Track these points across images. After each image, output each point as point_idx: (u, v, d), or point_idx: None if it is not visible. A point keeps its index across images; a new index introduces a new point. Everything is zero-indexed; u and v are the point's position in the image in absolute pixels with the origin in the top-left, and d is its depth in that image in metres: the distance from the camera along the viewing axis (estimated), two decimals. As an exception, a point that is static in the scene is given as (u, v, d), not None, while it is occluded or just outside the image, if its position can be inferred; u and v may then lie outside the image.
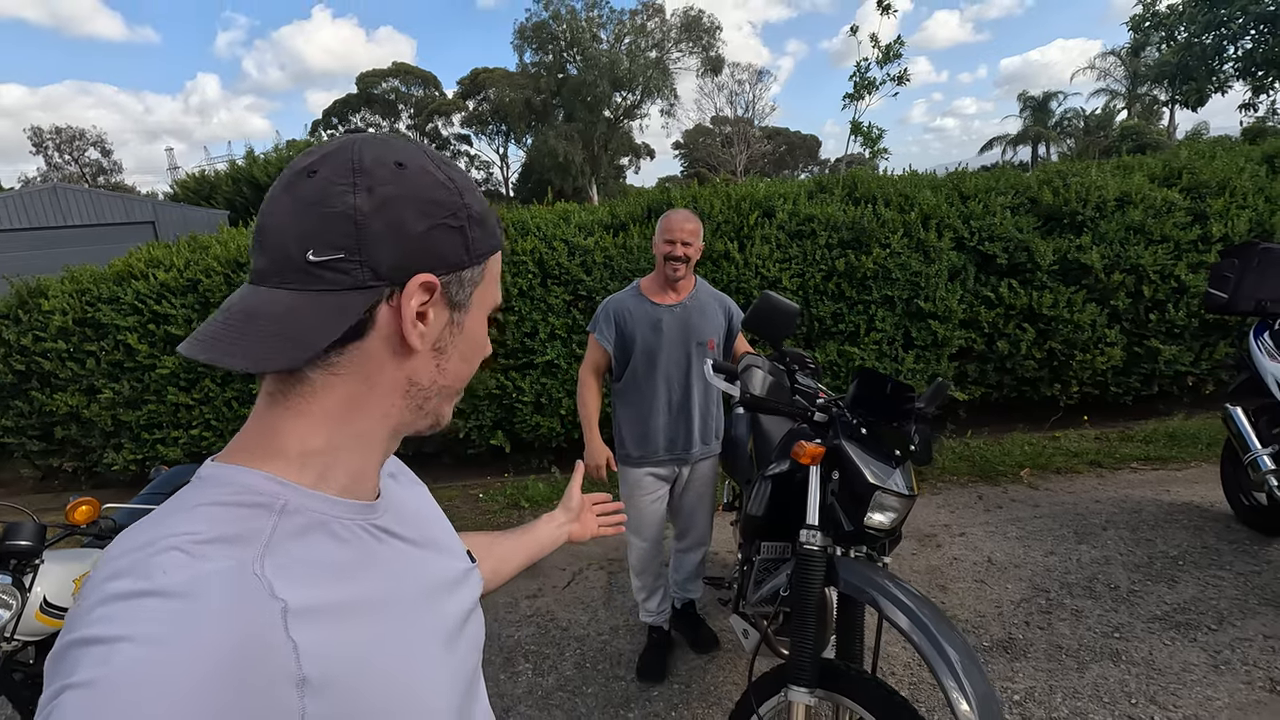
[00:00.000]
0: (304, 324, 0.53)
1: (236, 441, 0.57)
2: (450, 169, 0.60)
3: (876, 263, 4.56)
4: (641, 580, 2.74)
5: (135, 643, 0.42)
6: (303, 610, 0.48)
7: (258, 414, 0.58)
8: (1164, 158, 5.45)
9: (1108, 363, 4.73)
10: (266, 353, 0.52)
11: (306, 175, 0.54)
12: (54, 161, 44.24)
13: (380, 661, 0.53)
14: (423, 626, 0.60)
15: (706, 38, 36.84)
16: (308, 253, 0.52)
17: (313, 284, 0.53)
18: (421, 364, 0.60)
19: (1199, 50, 21.32)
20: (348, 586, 0.54)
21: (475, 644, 0.72)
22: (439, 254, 0.57)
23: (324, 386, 0.56)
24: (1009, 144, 39.01)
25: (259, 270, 0.55)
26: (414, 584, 0.62)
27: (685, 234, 2.38)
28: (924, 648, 1.53)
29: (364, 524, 0.59)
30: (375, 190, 0.54)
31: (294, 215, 0.54)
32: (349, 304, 0.54)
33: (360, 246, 0.53)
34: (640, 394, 2.51)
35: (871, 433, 1.80)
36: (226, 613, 0.45)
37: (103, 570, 0.47)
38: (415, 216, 0.56)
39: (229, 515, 0.51)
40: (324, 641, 0.49)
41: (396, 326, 0.56)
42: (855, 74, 5.62)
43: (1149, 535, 3.41)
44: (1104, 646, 2.62)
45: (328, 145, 0.57)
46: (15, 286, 4.85)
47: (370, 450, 0.61)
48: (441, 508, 0.80)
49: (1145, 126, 31.75)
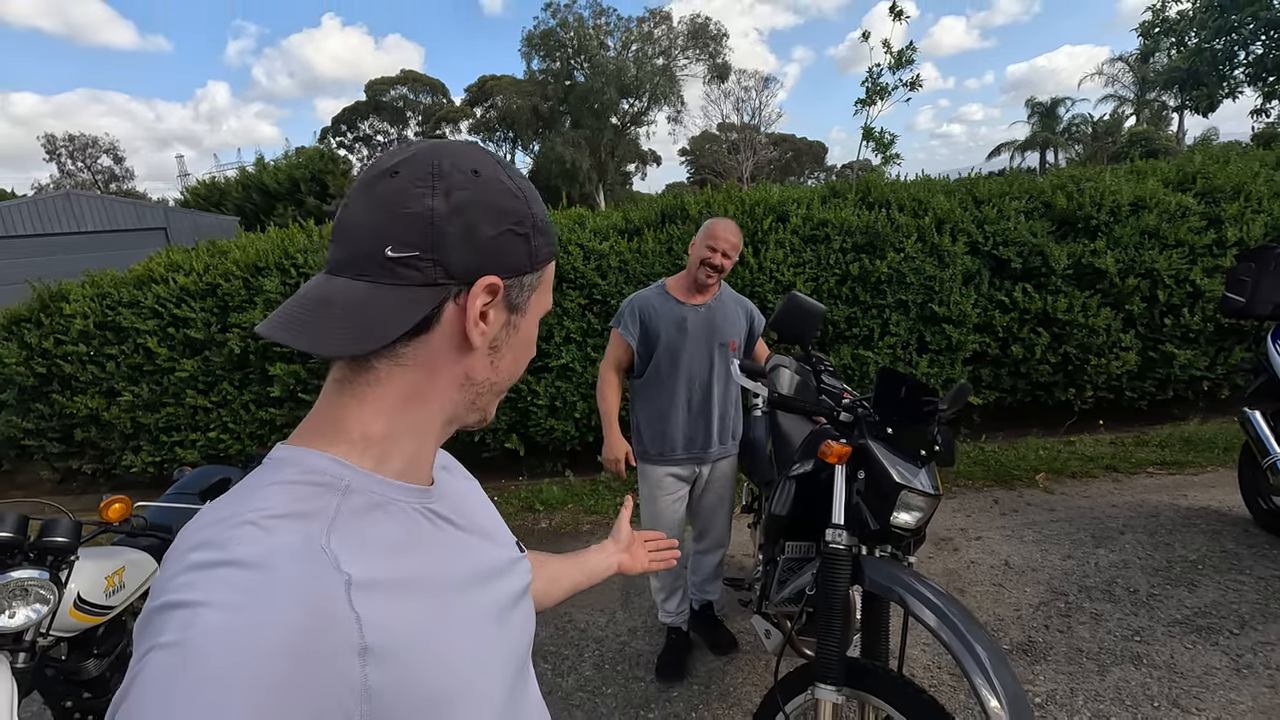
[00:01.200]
0: (376, 315, 0.56)
1: (305, 425, 0.61)
2: (520, 179, 0.63)
3: (890, 267, 4.57)
4: (660, 581, 2.75)
5: (215, 608, 0.45)
6: (365, 583, 0.51)
7: (325, 399, 0.61)
8: (1177, 162, 5.44)
9: (1123, 367, 4.72)
10: (339, 339, 0.55)
11: (389, 175, 0.58)
12: (67, 169, 44.68)
13: (435, 635, 0.56)
14: (474, 607, 0.63)
15: (713, 45, 36.97)
16: (386, 248, 0.56)
17: (387, 278, 0.56)
18: (479, 361, 0.63)
19: (1209, 56, 21.27)
20: (404, 563, 0.57)
21: (526, 628, 0.74)
22: (505, 259, 0.60)
23: (388, 376, 0.59)
24: (1016, 150, 38.92)
25: (336, 261, 0.58)
26: (465, 567, 0.64)
27: (729, 245, 2.40)
28: (953, 645, 1.54)
29: (419, 507, 0.62)
30: (452, 194, 0.57)
31: (374, 212, 0.57)
32: (420, 299, 0.57)
33: (435, 246, 0.56)
34: (661, 391, 2.53)
35: (896, 433, 1.81)
36: (296, 584, 0.48)
37: (185, 542, 0.51)
38: (487, 222, 0.59)
39: (297, 493, 0.54)
40: (384, 614, 0.51)
41: (460, 324, 0.60)
42: (867, 79, 5.65)
43: (1167, 539, 3.40)
44: (1125, 650, 2.62)
45: (410, 149, 0.60)
46: (37, 290, 4.92)
47: (426, 438, 0.64)
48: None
49: (1154, 132, 31.67)
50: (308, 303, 0.57)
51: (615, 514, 4.21)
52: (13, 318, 4.90)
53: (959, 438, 4.90)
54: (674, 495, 2.63)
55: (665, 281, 2.58)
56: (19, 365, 4.76)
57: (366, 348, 0.56)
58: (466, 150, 0.62)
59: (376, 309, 0.56)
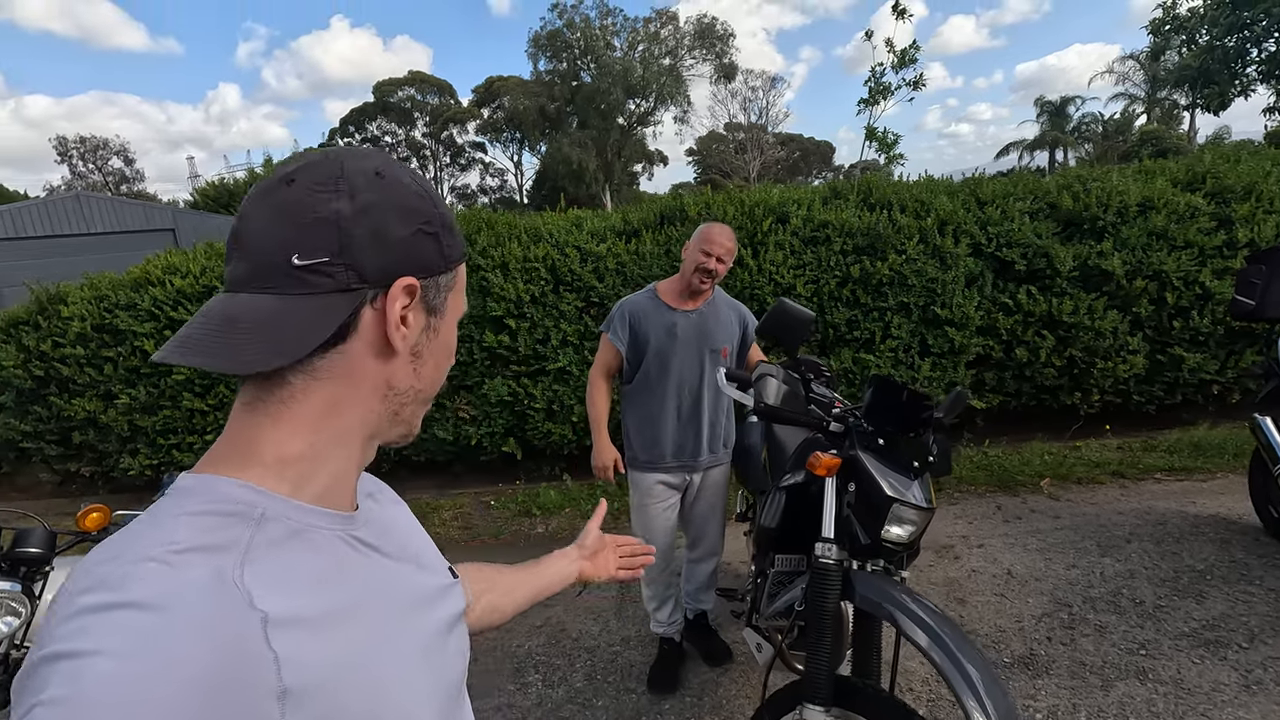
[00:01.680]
0: (289, 326, 0.53)
1: (212, 451, 0.57)
2: (422, 180, 0.62)
3: (892, 269, 4.51)
4: (652, 590, 2.70)
5: (108, 657, 0.40)
6: (283, 620, 0.48)
7: (234, 423, 0.57)
8: (1187, 162, 5.34)
9: (1130, 371, 4.63)
10: (251, 355, 0.52)
11: (285, 184, 0.55)
12: (78, 170, 45.12)
13: (360, 670, 0.53)
14: (402, 637, 0.60)
15: (720, 45, 36.93)
16: (293, 257, 0.53)
17: (297, 287, 0.53)
18: (401, 368, 0.60)
19: (1221, 53, 21.04)
20: (327, 595, 0.53)
21: (459, 657, 0.72)
22: (418, 259, 0.58)
23: (304, 391, 0.56)
24: (1025, 149, 38.65)
25: (237, 277, 0.55)
26: (392, 596, 0.61)
27: (724, 250, 2.36)
28: (944, 666, 1.48)
29: (342, 534, 0.59)
30: (357, 196, 0.55)
31: (275, 221, 0.54)
32: (335, 306, 0.54)
33: (345, 249, 0.54)
34: (651, 398, 2.49)
35: (889, 443, 1.76)
36: (205, 624, 0.44)
37: (76, 583, 0.46)
38: (396, 222, 0.57)
39: (206, 524, 0.50)
40: (305, 651, 0.48)
41: (379, 329, 0.57)
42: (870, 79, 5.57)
43: (1174, 548, 3.32)
44: (1130, 664, 2.55)
45: (306, 157, 0.58)
46: (35, 293, 4.92)
47: (347, 456, 0.61)
48: (453, 514, 0.79)
49: (1165, 131, 31.36)
50: (210, 322, 0.53)
51: (612, 519, 4.16)
52: (11, 320, 4.90)
53: (961, 442, 4.83)
54: (665, 503, 2.58)
55: (657, 286, 2.54)
56: (17, 368, 4.75)
57: (283, 360, 0.53)
58: (365, 153, 0.60)
59: (289, 320, 0.53)
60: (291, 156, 0.59)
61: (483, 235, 4.74)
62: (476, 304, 4.54)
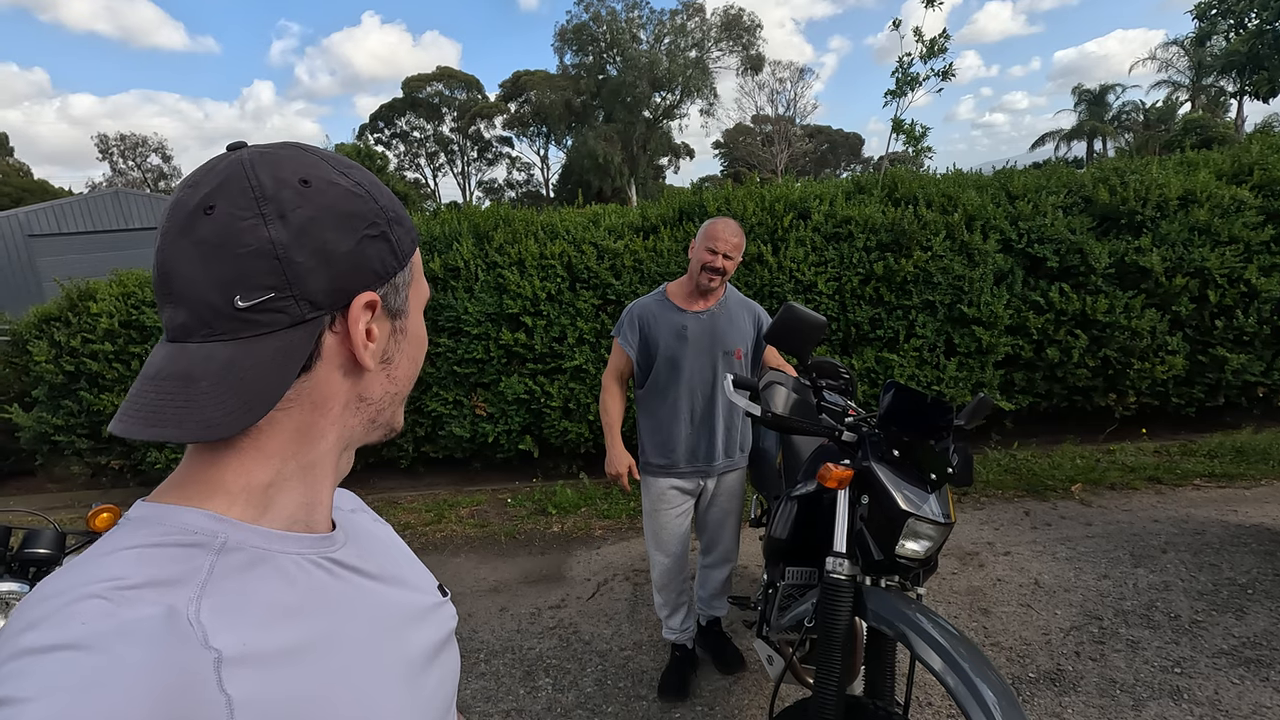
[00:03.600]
0: (252, 375, 0.48)
1: (172, 479, 0.53)
2: (353, 171, 0.55)
3: (917, 266, 4.38)
4: (664, 596, 2.65)
5: (41, 704, 0.38)
6: (239, 658, 0.44)
7: (196, 450, 0.53)
8: (1233, 152, 5.10)
9: (1168, 372, 4.44)
10: (218, 416, 0.47)
11: (203, 213, 0.48)
12: (118, 167, 46.40)
13: (330, 702, 0.50)
14: (381, 663, 0.56)
15: (747, 36, 36.56)
16: (234, 299, 0.48)
17: (247, 330, 0.49)
18: (373, 379, 0.57)
19: (1272, 38, 20.16)
20: (295, 627, 0.50)
21: (447, 678, 0.68)
22: (371, 268, 0.54)
23: (270, 423, 0.52)
24: (1062, 139, 37.57)
25: (179, 326, 0.49)
26: (372, 619, 0.58)
27: (730, 247, 2.27)
28: (959, 691, 1.41)
29: (315, 558, 0.55)
30: (288, 217, 0.49)
31: (204, 261, 0.48)
32: (294, 342, 0.50)
33: (290, 281, 0.49)
34: (662, 402, 2.43)
35: (905, 454, 1.67)
36: (148, 667, 0.41)
37: (17, 621, 0.43)
38: (338, 235, 0.51)
39: (161, 556, 0.46)
40: (265, 691, 0.45)
41: (345, 351, 0.54)
42: (897, 70, 5.40)
43: (1214, 559, 3.17)
44: (1163, 683, 2.43)
45: (212, 172, 0.50)
46: (65, 290, 5.03)
47: (322, 476, 0.57)
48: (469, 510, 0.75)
49: (1210, 120, 30.16)
50: (164, 384, 0.48)
51: (628, 519, 4.12)
52: (43, 316, 5.02)
53: (988, 444, 4.68)
54: (678, 509, 2.53)
55: (666, 287, 2.47)
56: (49, 363, 4.86)
57: (254, 418, 0.49)
58: (282, 156, 0.52)
59: (250, 368, 0.48)
60: (197, 168, 0.52)
61: (500, 232, 4.71)
62: (493, 301, 4.52)
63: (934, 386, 4.45)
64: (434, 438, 4.80)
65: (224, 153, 0.52)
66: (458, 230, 4.77)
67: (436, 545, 4.05)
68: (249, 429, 0.51)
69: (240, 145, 0.53)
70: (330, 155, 0.55)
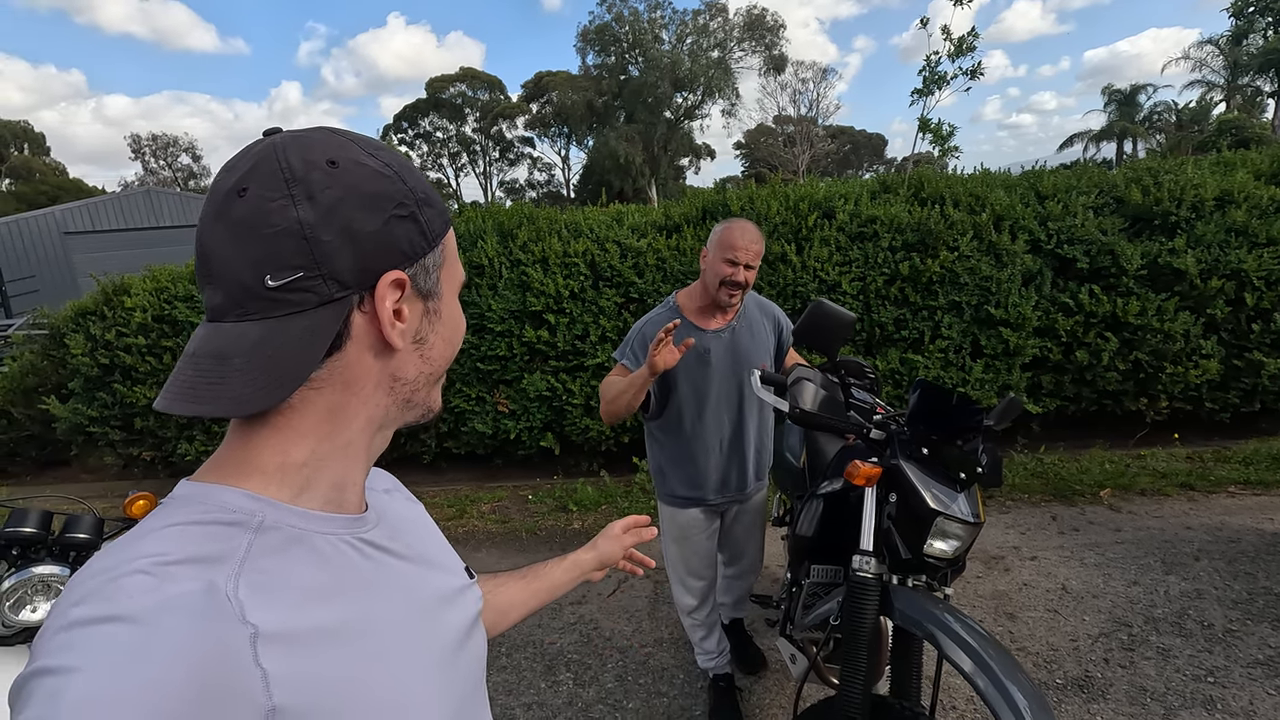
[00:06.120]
0: (281, 354, 0.50)
1: (213, 460, 0.55)
2: (383, 152, 0.56)
3: (943, 266, 4.32)
4: (696, 618, 2.45)
5: (88, 674, 0.40)
6: (276, 635, 0.46)
7: (234, 432, 0.55)
8: (1271, 152, 4.98)
9: (1202, 376, 4.34)
10: (248, 392, 0.49)
11: (237, 196, 0.50)
12: (150, 167, 47.43)
13: (364, 683, 0.51)
14: (413, 643, 0.58)
15: (770, 36, 36.39)
16: (265, 279, 0.50)
17: (278, 310, 0.50)
18: (405, 359, 0.58)
19: (1311, 36, 19.63)
20: (330, 606, 0.52)
21: (476, 660, 0.70)
22: (399, 248, 0.54)
23: (303, 402, 0.53)
24: (1091, 140, 36.85)
25: (216, 307, 0.52)
26: (405, 600, 0.59)
27: (751, 255, 2.01)
28: (988, 693, 1.39)
29: (350, 538, 0.57)
30: (316, 197, 0.51)
31: (237, 242, 0.50)
32: (322, 321, 0.52)
33: (318, 260, 0.50)
34: (687, 434, 2.19)
35: (934, 452, 1.66)
36: (188, 639, 0.43)
37: (70, 594, 0.45)
38: (365, 215, 0.52)
39: (201, 534, 0.49)
40: (300, 667, 0.47)
41: (375, 330, 0.54)
42: (924, 69, 5.35)
43: (1249, 568, 3.09)
44: (1195, 692, 2.38)
45: (247, 156, 0.52)
46: (101, 285, 5.15)
47: (355, 457, 0.58)
48: (491, 506, 0.77)
49: (1246, 120, 29.42)
50: (201, 362, 0.51)
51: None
52: (80, 310, 5.15)
53: (1015, 448, 4.61)
54: (705, 532, 2.36)
55: (677, 299, 2.19)
56: (84, 356, 4.98)
57: (283, 394, 0.51)
58: (312, 139, 0.53)
59: (279, 347, 0.50)
60: (236, 154, 0.54)
61: (523, 230, 4.74)
62: (516, 299, 4.54)
63: (959, 389, 4.40)
64: (456, 434, 4.84)
65: (260, 138, 0.54)
66: (482, 228, 4.81)
67: (458, 540, 4.09)
68: (282, 408, 0.53)
69: (275, 130, 0.55)
70: (361, 138, 0.56)
